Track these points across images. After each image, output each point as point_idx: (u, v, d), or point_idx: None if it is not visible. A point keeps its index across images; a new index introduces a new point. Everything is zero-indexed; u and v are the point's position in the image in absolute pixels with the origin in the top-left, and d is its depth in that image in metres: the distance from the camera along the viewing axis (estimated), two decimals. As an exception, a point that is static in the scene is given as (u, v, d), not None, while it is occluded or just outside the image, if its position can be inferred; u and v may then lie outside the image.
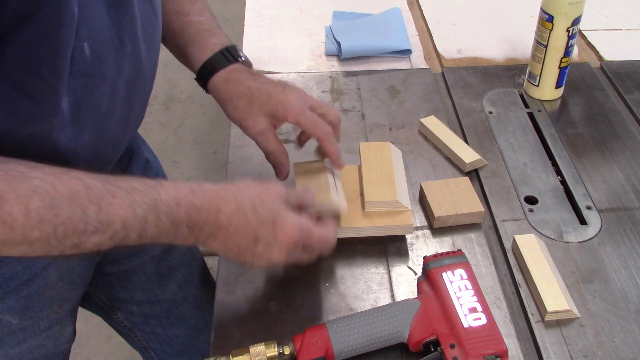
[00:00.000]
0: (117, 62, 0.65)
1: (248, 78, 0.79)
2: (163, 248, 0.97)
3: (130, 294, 0.98)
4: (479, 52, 1.18)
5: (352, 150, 0.94)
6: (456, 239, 0.81)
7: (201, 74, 0.81)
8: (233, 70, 0.80)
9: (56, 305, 0.80)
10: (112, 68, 0.64)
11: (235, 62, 0.81)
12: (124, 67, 0.66)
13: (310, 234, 0.66)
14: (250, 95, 0.78)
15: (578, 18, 0.96)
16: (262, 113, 0.77)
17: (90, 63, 0.60)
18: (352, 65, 1.14)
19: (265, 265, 0.66)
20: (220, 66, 0.80)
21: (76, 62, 0.59)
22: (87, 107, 0.63)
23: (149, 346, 1.06)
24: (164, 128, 2.54)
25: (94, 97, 0.63)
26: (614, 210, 0.84)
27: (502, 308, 0.73)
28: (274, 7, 1.33)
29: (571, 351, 0.68)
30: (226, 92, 0.79)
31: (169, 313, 1.02)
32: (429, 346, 0.65)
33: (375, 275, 0.77)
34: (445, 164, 0.92)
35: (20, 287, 0.74)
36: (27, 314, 0.76)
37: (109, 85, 0.65)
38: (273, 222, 0.64)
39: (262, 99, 0.77)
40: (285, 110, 0.76)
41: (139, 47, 0.68)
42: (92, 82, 0.62)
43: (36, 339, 0.79)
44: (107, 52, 0.63)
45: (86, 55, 0.59)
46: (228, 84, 0.80)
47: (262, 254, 0.65)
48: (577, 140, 0.96)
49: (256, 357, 0.63)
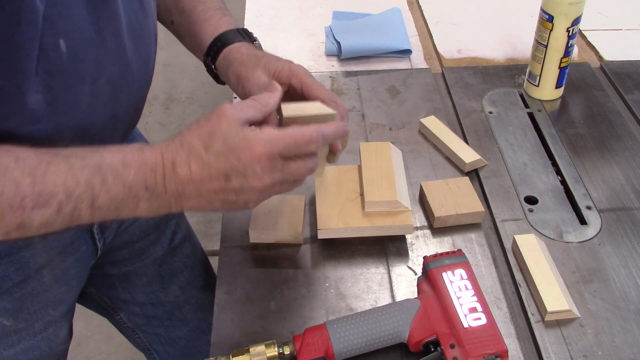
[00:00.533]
0: (97, 60, 0.62)
1: (261, 52, 0.76)
2: (165, 251, 0.97)
3: (132, 295, 0.98)
4: (479, 52, 1.18)
5: (352, 150, 0.94)
6: (456, 239, 0.81)
7: (213, 47, 0.77)
8: (247, 46, 0.77)
9: (51, 308, 0.79)
10: (91, 66, 0.62)
11: (249, 42, 0.78)
12: (106, 64, 0.64)
13: (283, 139, 0.58)
14: (258, 57, 0.74)
15: (578, 18, 0.96)
16: (265, 71, 0.72)
17: (68, 60, 0.58)
18: (352, 65, 1.14)
19: (257, 198, 0.59)
20: (235, 40, 0.77)
21: (51, 60, 0.57)
22: (65, 105, 0.61)
23: (152, 347, 1.06)
24: (164, 128, 2.54)
25: (73, 95, 0.61)
26: (614, 210, 0.84)
27: (502, 308, 0.73)
28: (274, 7, 1.33)
29: (571, 351, 0.68)
30: (237, 55, 0.75)
31: (172, 315, 1.02)
32: (429, 346, 0.65)
33: (375, 275, 0.77)
34: (445, 164, 0.92)
35: (13, 289, 0.73)
36: (21, 316, 0.76)
37: (89, 83, 0.62)
38: (232, 150, 0.57)
39: (268, 59, 0.73)
40: (291, 72, 0.71)
41: (124, 44, 0.66)
42: (71, 80, 0.60)
43: (30, 341, 0.78)
44: (85, 49, 0.60)
45: (62, 52, 0.57)
46: (240, 49, 0.76)
47: (242, 187, 0.58)
48: (577, 140, 0.96)
49: (256, 357, 0.63)
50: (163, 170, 0.57)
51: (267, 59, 0.73)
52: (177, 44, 0.86)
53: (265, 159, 0.57)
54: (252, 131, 0.57)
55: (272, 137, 0.57)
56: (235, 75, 0.74)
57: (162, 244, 0.97)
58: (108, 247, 0.88)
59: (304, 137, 0.59)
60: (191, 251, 1.02)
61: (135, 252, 0.94)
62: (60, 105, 0.60)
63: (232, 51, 0.76)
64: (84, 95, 0.62)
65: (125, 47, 0.66)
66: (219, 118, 0.58)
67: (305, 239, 0.81)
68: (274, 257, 0.79)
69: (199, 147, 0.57)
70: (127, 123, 0.76)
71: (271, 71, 0.71)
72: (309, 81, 0.71)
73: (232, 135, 0.57)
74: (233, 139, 0.57)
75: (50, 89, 0.58)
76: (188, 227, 1.05)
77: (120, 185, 0.55)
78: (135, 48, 0.68)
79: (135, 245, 0.93)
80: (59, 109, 0.60)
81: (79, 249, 0.81)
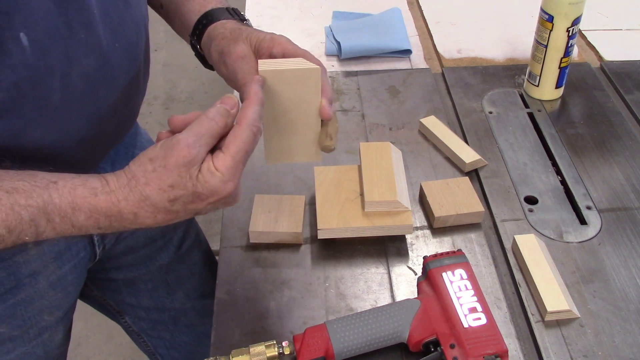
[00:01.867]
0: (66, 53, 0.59)
1: (247, 29, 0.73)
2: (172, 258, 0.96)
3: (138, 300, 0.97)
4: (479, 52, 1.18)
5: (352, 150, 0.94)
6: (456, 239, 0.81)
7: (199, 25, 0.75)
8: (233, 22, 0.74)
9: (46, 314, 0.77)
10: (60, 59, 0.59)
11: (238, 20, 0.76)
12: (77, 57, 0.61)
13: (239, 156, 0.56)
14: (240, 31, 0.71)
15: (578, 18, 0.96)
16: (247, 43, 0.69)
17: (32, 54, 0.56)
18: (352, 65, 1.14)
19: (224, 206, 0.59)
20: (219, 17, 0.74)
21: (13, 54, 0.54)
22: (33, 101, 0.58)
23: (157, 351, 1.05)
24: (164, 128, 2.53)
25: (42, 91, 0.58)
26: (614, 210, 0.84)
27: (502, 308, 0.73)
28: (274, 7, 1.33)
29: (571, 351, 0.68)
30: (221, 31, 0.73)
31: (177, 320, 1.01)
32: (429, 346, 0.65)
33: (375, 275, 0.77)
34: (445, 164, 0.92)
35: (6, 296, 0.71)
36: (15, 323, 0.74)
37: (58, 77, 0.59)
38: (199, 197, 0.56)
39: (250, 32, 0.71)
40: (272, 42, 0.68)
41: (98, 35, 0.62)
42: (39, 75, 0.57)
43: (25, 347, 0.76)
44: (51, 41, 0.57)
45: (24, 45, 0.55)
46: (225, 25, 0.73)
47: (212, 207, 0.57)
48: (577, 140, 0.96)
49: (256, 357, 0.63)
50: (122, 219, 0.55)
51: (249, 31, 0.71)
52: (177, 44, 0.87)
53: (227, 197, 0.57)
54: (211, 176, 0.55)
55: (231, 164, 0.56)
56: (217, 51, 0.71)
57: (169, 251, 0.95)
58: (112, 252, 0.87)
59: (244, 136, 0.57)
60: (199, 258, 1.01)
61: (141, 259, 0.93)
62: (29, 100, 0.58)
63: (217, 27, 0.73)
64: (54, 91, 0.60)
65: (100, 38, 0.63)
66: (174, 160, 0.54)
67: (305, 239, 0.81)
68: (274, 257, 0.79)
69: (162, 202, 0.55)
70: (116, 122, 0.72)
71: (253, 42, 0.69)
72: (291, 47, 0.68)
73: (192, 182, 0.55)
74: (195, 185, 0.55)
75: (15, 84, 0.56)
76: (198, 233, 1.03)
77: (69, 225, 0.54)
78: (113, 39, 0.65)
79: (141, 252, 0.92)
80: (27, 104, 0.58)
81: (77, 255, 0.79)
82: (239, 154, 0.56)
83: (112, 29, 0.65)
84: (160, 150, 0.55)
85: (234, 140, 0.56)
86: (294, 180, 0.89)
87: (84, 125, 0.66)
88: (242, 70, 0.69)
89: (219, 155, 0.56)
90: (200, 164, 0.55)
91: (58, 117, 0.62)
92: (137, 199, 0.55)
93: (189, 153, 0.54)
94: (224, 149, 0.56)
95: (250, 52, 0.69)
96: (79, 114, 0.64)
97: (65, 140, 0.65)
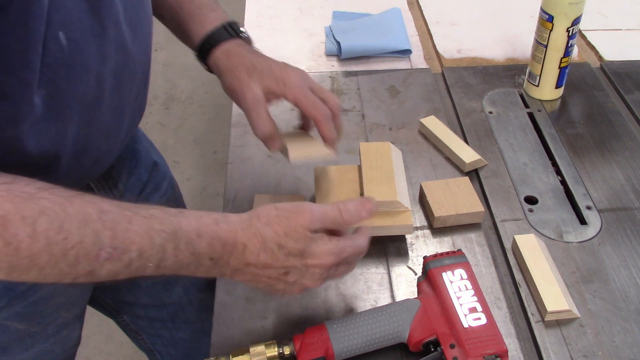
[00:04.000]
0: (100, 50, 0.61)
1: (250, 52, 0.77)
2: None
3: (136, 298, 0.98)
4: (479, 52, 1.18)
5: (352, 150, 0.94)
6: (456, 239, 0.81)
7: (202, 48, 0.78)
8: (235, 44, 0.78)
9: (64, 310, 0.79)
10: (95, 56, 0.61)
11: (237, 38, 0.79)
12: (109, 54, 0.63)
13: (344, 251, 0.63)
14: (250, 67, 0.74)
15: (578, 18, 0.96)
16: (259, 85, 0.73)
17: (69, 52, 0.57)
18: (352, 65, 1.14)
19: (299, 292, 0.63)
20: (221, 39, 0.78)
21: (52, 53, 0.56)
22: (72, 99, 0.60)
23: (155, 349, 1.05)
24: (164, 128, 2.54)
25: (78, 88, 0.61)
26: (614, 210, 0.84)
27: (502, 308, 0.73)
28: (274, 7, 1.33)
29: (571, 351, 0.68)
30: (227, 63, 0.76)
31: (175, 317, 1.01)
32: (429, 346, 0.65)
33: (375, 275, 0.77)
34: (445, 164, 0.92)
35: (27, 293, 0.73)
36: (35, 320, 0.75)
37: (94, 74, 0.62)
38: (302, 255, 0.61)
39: (262, 72, 0.74)
40: (285, 85, 0.73)
41: (123, 33, 0.65)
42: (74, 72, 0.59)
43: (44, 344, 0.78)
44: (86, 40, 0.59)
45: (62, 44, 0.56)
46: (230, 56, 0.77)
47: (295, 282, 0.62)
48: (577, 140, 0.96)
49: (256, 357, 0.63)
50: (233, 249, 0.59)
51: (259, 70, 0.74)
52: (177, 44, 0.86)
53: (326, 269, 0.62)
54: (323, 242, 0.61)
55: (338, 248, 0.62)
56: (229, 88, 0.76)
57: None
58: None
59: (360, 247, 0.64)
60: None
61: None
62: (67, 99, 0.60)
63: (221, 57, 0.77)
64: (89, 88, 0.62)
65: (125, 35, 0.66)
66: (297, 219, 0.60)
67: (305, 239, 0.81)
68: (274, 257, 0.79)
69: (272, 243, 0.60)
70: (131, 116, 0.75)
71: (265, 85, 0.73)
72: (302, 99, 0.72)
73: (307, 244, 0.60)
74: (306, 246, 0.60)
75: (53, 83, 0.57)
76: None
77: (189, 253, 0.57)
78: (134, 36, 0.67)
79: None
80: (64, 104, 0.60)
81: None
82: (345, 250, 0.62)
83: (132, 25, 0.67)
84: (289, 205, 0.62)
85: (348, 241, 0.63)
86: (294, 180, 0.89)
87: (109, 120, 0.68)
88: (254, 111, 0.73)
89: (332, 237, 0.62)
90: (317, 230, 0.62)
91: (92, 113, 0.64)
92: (253, 233, 0.59)
93: (312, 221, 0.61)
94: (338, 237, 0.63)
95: (262, 97, 0.73)
96: (107, 109, 0.67)
97: (94, 135, 0.67)
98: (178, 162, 2.37)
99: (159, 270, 0.56)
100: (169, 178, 0.99)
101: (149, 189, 0.92)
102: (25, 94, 0.55)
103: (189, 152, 2.42)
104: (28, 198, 0.50)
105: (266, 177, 0.90)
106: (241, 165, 0.93)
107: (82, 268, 0.53)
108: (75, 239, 0.51)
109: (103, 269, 0.54)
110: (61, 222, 0.51)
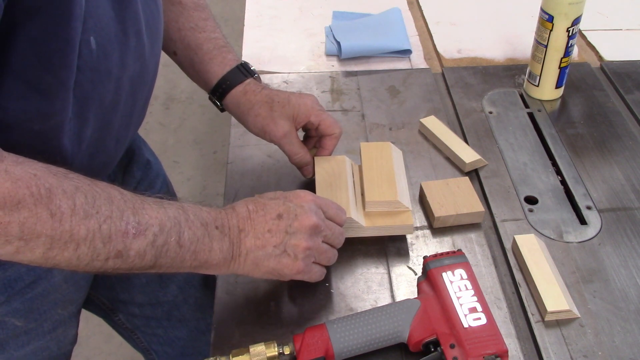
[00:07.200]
0: (122, 58, 0.65)
1: (264, 88, 0.84)
2: None
3: (131, 296, 0.98)
4: (479, 52, 1.18)
5: (353, 150, 0.94)
6: (456, 239, 0.81)
7: (218, 88, 0.85)
8: (249, 83, 0.84)
9: (60, 307, 0.79)
10: (117, 63, 0.64)
11: (250, 77, 0.85)
12: (129, 62, 0.67)
13: (328, 209, 0.70)
14: (270, 101, 0.81)
15: (578, 18, 0.96)
16: (284, 116, 0.80)
17: (97, 57, 0.60)
18: (352, 65, 1.14)
19: (304, 247, 0.66)
20: (238, 81, 0.84)
21: (83, 56, 0.59)
22: (92, 102, 0.64)
23: (151, 348, 1.05)
24: (164, 128, 2.54)
25: (99, 92, 0.64)
26: (614, 210, 0.84)
27: (502, 308, 0.73)
28: (274, 7, 1.33)
29: (571, 351, 0.68)
30: (246, 102, 0.83)
31: (170, 315, 1.02)
32: (429, 346, 0.65)
33: (375, 275, 0.77)
34: (445, 164, 0.92)
35: (25, 290, 0.73)
36: (32, 317, 0.76)
37: (114, 80, 0.65)
38: (284, 196, 0.68)
39: (282, 103, 0.81)
40: (307, 110, 0.81)
41: (143, 43, 0.69)
42: (99, 77, 0.62)
43: (40, 341, 0.79)
44: (112, 46, 0.63)
45: (92, 49, 0.59)
46: (247, 95, 0.83)
47: (291, 226, 0.65)
48: (577, 140, 0.96)
49: (256, 357, 0.63)
50: (225, 212, 0.66)
51: (277, 102, 0.81)
52: (177, 44, 0.87)
53: (312, 202, 0.68)
54: (308, 206, 0.68)
55: (318, 207, 0.69)
56: (256, 128, 0.83)
57: None
58: None
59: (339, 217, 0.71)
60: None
61: None
62: (89, 102, 0.63)
63: (239, 96, 0.84)
64: (108, 93, 0.65)
65: (145, 45, 0.69)
66: (291, 194, 0.70)
67: (305, 239, 0.81)
68: (274, 257, 0.79)
69: (255, 197, 0.69)
70: (139, 121, 0.79)
71: (289, 115, 0.81)
72: (325, 118, 0.82)
73: (284, 192, 0.69)
74: (285, 193, 0.69)
75: (80, 86, 0.60)
76: None
77: (199, 223, 0.62)
78: (151, 47, 0.71)
79: None
80: (87, 106, 0.63)
81: None
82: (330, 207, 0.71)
83: (151, 38, 0.71)
84: (287, 193, 0.70)
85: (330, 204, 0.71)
86: (294, 180, 0.89)
87: (120, 125, 0.72)
88: (287, 144, 0.82)
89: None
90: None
91: (106, 118, 0.68)
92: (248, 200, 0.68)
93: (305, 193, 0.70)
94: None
95: (291, 128, 0.81)
96: (120, 114, 0.70)
97: (105, 139, 0.70)
98: (178, 162, 2.37)
99: (181, 249, 0.60)
100: (162, 176, 1.00)
101: (143, 186, 0.94)
102: (60, 93, 0.58)
103: (189, 152, 2.42)
104: (64, 176, 0.55)
105: (266, 177, 0.90)
106: (241, 165, 0.93)
107: (114, 247, 0.56)
108: (105, 213, 0.55)
109: (132, 248, 0.57)
110: (93, 198, 0.55)
